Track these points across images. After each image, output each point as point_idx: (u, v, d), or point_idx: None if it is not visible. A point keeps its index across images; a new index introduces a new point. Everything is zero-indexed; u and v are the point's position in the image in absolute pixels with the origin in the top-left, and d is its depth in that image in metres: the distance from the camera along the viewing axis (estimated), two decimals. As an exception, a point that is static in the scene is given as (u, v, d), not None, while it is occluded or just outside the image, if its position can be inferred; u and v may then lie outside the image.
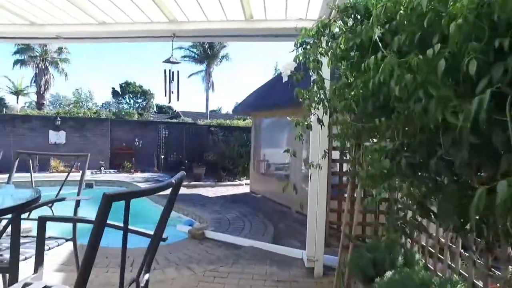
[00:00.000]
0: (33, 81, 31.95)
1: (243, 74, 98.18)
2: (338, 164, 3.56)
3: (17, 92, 35.64)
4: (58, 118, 13.76)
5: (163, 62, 4.05)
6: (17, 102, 34.57)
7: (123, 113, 26.52)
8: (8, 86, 34.52)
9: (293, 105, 7.43)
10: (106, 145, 14.70)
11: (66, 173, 9.70)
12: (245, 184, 11.99)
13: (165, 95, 4.02)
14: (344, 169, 3.46)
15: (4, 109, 22.39)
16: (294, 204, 7.66)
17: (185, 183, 11.32)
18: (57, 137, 13.79)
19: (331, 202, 3.54)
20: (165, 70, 4.00)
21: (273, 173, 9.86)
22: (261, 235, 5.58)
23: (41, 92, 30.31)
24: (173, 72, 4.09)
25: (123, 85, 53.63)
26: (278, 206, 8.31)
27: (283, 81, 2.42)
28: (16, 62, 30.46)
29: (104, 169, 13.72)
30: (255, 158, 10.49)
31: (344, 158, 3.32)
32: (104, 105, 52.39)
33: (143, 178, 12.20)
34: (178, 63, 4.24)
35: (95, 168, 13.80)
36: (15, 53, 30.24)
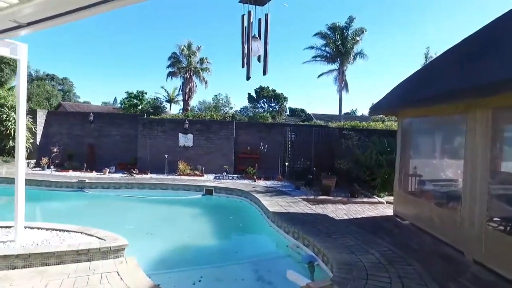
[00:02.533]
0: (180, 90, 36.03)
1: (380, 72, 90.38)
2: None
3: (170, 100, 40.99)
4: (186, 122, 13.99)
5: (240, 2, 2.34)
6: (170, 109, 39.68)
7: (257, 117, 26.82)
8: (164, 95, 39.99)
9: (473, 94, 4.81)
10: (231, 149, 14.26)
11: (192, 177, 9.28)
12: (386, 202, 9.37)
13: (243, 66, 2.34)
14: None
15: (162, 113, 25.54)
16: (469, 247, 4.95)
17: (311, 197, 9.52)
18: (185, 140, 14.05)
19: None
20: (242, 17, 2.29)
21: (429, 194, 7.08)
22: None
23: (186, 99, 33.66)
24: (259, 21, 2.34)
25: (258, 90, 56.07)
26: (439, 244, 5.64)
27: None
28: (169, 74, 34.68)
29: (227, 174, 13.20)
30: (402, 171, 7.84)
31: None
32: (242, 110, 55.88)
33: (264, 188, 10.97)
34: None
35: (218, 173, 13.46)
36: (168, 66, 34.50)
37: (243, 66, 2.55)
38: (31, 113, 13.99)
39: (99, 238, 5.36)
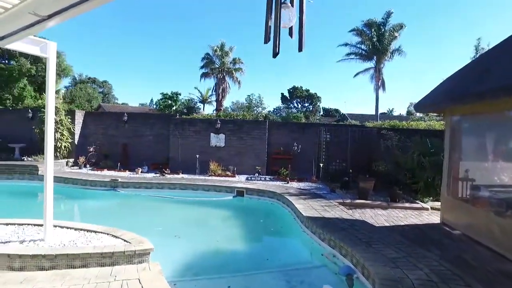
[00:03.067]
0: (213, 90, 36.25)
1: (420, 69, 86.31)
2: None
3: (203, 101, 41.45)
4: (218, 121, 13.80)
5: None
6: (204, 109, 40.11)
7: (291, 117, 26.35)
8: (197, 96, 40.51)
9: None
10: (263, 149, 13.89)
11: (223, 177, 9.02)
12: (431, 208, 8.58)
13: (266, 41, 1.93)
14: None
15: (195, 114, 25.81)
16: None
17: (347, 200, 8.93)
18: (217, 140, 13.87)
19: None
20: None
21: (484, 200, 6.30)
22: None
23: (219, 99, 33.79)
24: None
25: (291, 90, 55.40)
26: (503, 262, 4.91)
27: None
28: (202, 75, 35.03)
29: (259, 175, 12.84)
30: (451, 174, 7.07)
31: None
32: (275, 110, 55.49)
33: (298, 190, 10.49)
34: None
35: (250, 173, 13.14)
36: (201, 67, 34.85)
37: (266, 41, 2.11)
38: (70, 113, 14.46)
39: (125, 240, 5.19)
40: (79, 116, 14.91)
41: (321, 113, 55.56)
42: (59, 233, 5.60)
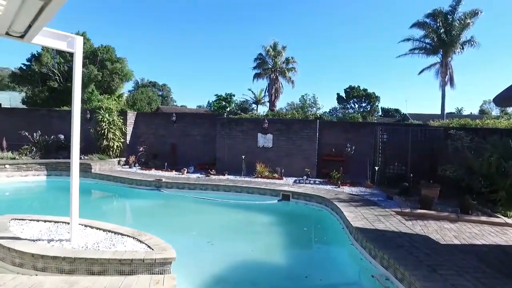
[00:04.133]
0: (266, 91, 35.84)
1: (498, 62, 77.61)
2: None
3: (257, 102, 41.32)
4: (266, 121, 13.15)
5: None
6: (257, 110, 39.96)
7: (347, 118, 24.91)
8: (251, 97, 40.49)
9: None
10: (313, 150, 12.94)
11: (270, 179, 8.33)
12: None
13: None
14: None
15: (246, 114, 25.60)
16: None
17: (406, 209, 7.75)
18: (264, 140, 13.23)
19: None
20: None
21: None
22: None
23: (272, 100, 33.24)
24: None
25: (347, 89, 53.03)
26: None
27: None
28: (255, 76, 34.81)
29: (307, 178, 11.93)
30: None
31: None
32: (331, 111, 53.59)
33: (349, 196, 9.44)
34: None
35: (299, 176, 12.29)
36: (254, 68, 34.64)
37: None
38: (122, 114, 14.91)
39: (149, 246, 4.78)
40: (131, 117, 15.32)
41: (380, 113, 52.41)
42: (88, 234, 5.42)
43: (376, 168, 11.34)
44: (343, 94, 54.00)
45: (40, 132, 14.43)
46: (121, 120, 14.55)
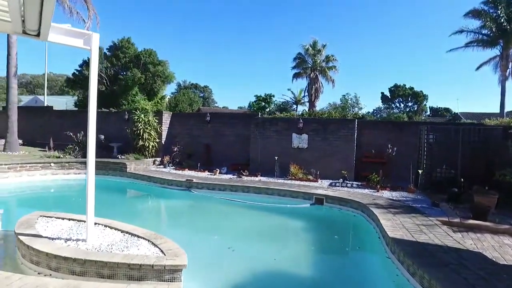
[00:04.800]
0: (305, 91, 34.97)
1: None
2: None
3: (296, 102, 40.62)
4: (301, 121, 12.58)
5: None
6: (296, 110, 39.24)
7: (392, 118, 23.54)
8: (290, 97, 39.89)
9: None
10: (351, 151, 12.14)
11: (304, 182, 7.53)
12: None
13: None
14: None
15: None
16: None
17: (455, 219, 6.86)
18: (299, 140, 12.65)
19: None
20: None
21: None
22: None
23: (312, 100, 32.36)
24: None
25: (392, 88, 50.46)
26: None
27: None
28: (294, 76, 34.13)
29: (343, 181, 11.18)
30: None
31: None
32: (375, 111, 51.36)
33: (388, 201, 8.62)
34: None
35: (335, 178, 11.57)
36: (293, 67, 33.96)
37: None
38: (158, 114, 15.12)
39: (162, 251, 4.53)
40: (166, 117, 15.49)
41: (428, 113, 49.25)
42: (106, 234, 5.30)
43: (420, 171, 10.33)
44: (387, 93, 51.51)
45: (83, 132, 15.07)
46: (156, 121, 14.76)
